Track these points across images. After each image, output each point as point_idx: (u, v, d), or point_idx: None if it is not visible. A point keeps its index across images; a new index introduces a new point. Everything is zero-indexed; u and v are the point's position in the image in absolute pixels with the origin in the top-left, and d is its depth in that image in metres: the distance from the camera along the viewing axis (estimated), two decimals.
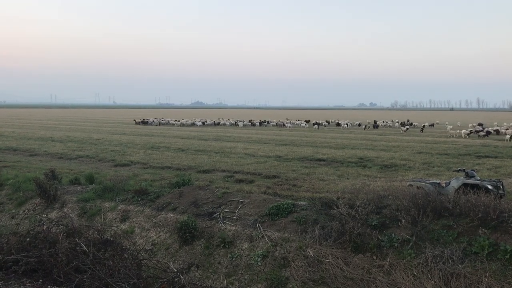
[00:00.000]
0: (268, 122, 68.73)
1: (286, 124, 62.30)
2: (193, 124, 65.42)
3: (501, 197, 11.67)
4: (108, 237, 8.51)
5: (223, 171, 20.25)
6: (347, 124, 64.40)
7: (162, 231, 12.46)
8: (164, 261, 9.72)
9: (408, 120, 75.60)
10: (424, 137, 43.68)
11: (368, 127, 58.43)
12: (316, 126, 59.13)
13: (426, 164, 23.07)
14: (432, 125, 65.80)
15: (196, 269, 10.36)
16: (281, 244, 10.49)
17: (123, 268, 6.95)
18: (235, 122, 66.98)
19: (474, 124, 63.68)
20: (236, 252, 10.80)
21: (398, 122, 68.15)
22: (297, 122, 69.56)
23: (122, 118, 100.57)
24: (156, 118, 76.20)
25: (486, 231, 9.04)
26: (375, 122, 68.47)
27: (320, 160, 24.50)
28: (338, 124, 63.73)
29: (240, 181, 17.58)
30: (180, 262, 10.83)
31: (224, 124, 66.97)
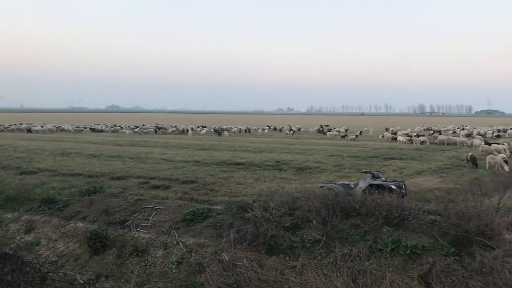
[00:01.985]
0: (164, 129, 64.27)
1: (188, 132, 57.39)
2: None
3: (403, 196, 12.51)
4: (7, 250, 7.90)
5: (138, 177, 19.68)
6: (264, 128, 65.38)
7: (71, 241, 11.84)
8: (71, 273, 9.24)
9: (346, 129, 78.37)
10: (336, 141, 45.64)
11: (290, 132, 58.11)
12: (215, 132, 56.86)
13: (337, 166, 24.07)
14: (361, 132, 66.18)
15: (105, 279, 9.94)
16: (196, 250, 10.40)
17: (24, 283, 6.49)
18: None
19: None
20: (150, 260, 10.54)
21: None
22: (198, 128, 64.53)
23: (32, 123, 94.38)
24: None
25: (389, 229, 9.62)
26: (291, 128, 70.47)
27: (238, 164, 24.66)
28: (247, 131, 62.31)
29: (156, 187, 17.18)
30: (90, 273, 10.34)
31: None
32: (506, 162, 24.43)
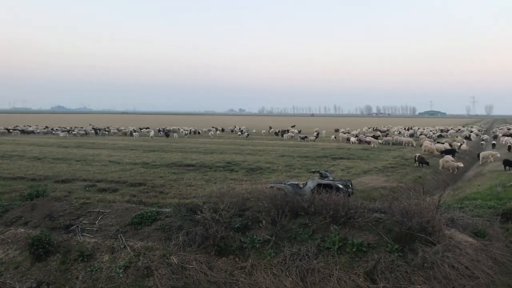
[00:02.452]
0: (107, 131, 60.81)
1: (133, 134, 54.99)
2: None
3: (350, 195, 12.83)
4: None
5: (85, 180, 19.06)
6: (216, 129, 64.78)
7: (11, 248, 11.27)
8: (10, 282, 8.80)
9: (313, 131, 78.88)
10: (287, 141, 46.20)
11: (244, 134, 56.10)
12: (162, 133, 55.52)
13: (288, 166, 24.35)
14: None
15: (47, 287, 9.54)
16: (144, 254, 10.19)
17: None
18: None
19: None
20: (96, 265, 10.22)
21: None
22: (143, 130, 63.39)
23: None
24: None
25: (336, 227, 9.83)
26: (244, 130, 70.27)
27: (188, 165, 24.42)
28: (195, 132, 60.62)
29: (102, 190, 16.70)
30: (31, 281, 9.89)
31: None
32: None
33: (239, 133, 58.24)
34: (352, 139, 44.15)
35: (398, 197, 14.08)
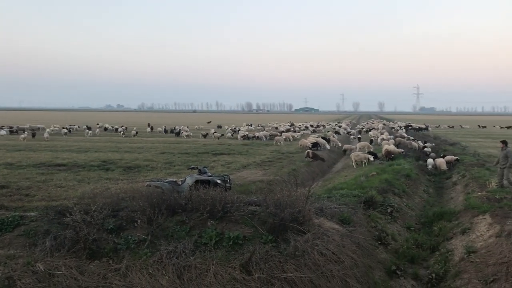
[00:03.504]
0: None
1: None
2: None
3: (228, 189, 13.03)
4: None
5: None
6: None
7: None
8: None
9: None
10: (167, 138, 45.52)
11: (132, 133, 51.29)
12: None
13: (168, 163, 24.01)
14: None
15: None
16: (5, 263, 9.24)
17: None
18: None
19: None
20: None
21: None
22: None
23: None
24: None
25: (213, 222, 9.90)
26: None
27: (59, 165, 22.82)
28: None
29: None
30: None
31: None
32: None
33: (123, 132, 52.95)
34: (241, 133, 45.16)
35: (274, 189, 14.64)
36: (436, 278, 10.27)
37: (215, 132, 49.42)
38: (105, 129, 60.74)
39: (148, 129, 58.28)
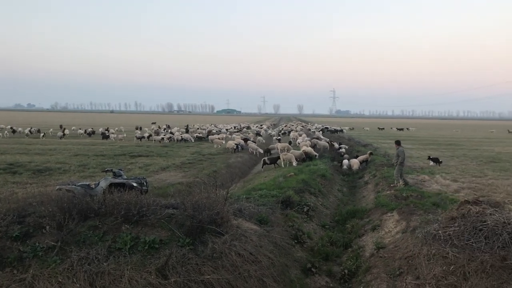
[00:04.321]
0: None
1: None
2: None
3: (145, 192, 12.71)
4: None
5: None
6: None
7: None
8: None
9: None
10: (82, 140, 43.49)
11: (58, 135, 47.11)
12: None
13: (82, 166, 22.95)
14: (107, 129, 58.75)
15: None
16: None
17: None
18: None
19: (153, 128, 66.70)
20: None
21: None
22: None
23: None
24: None
25: (128, 226, 9.59)
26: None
27: None
28: None
29: None
30: None
31: None
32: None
33: (27, 133, 48.31)
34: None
35: (193, 191, 14.49)
36: (348, 274, 10.74)
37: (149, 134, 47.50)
38: (13, 131, 51.75)
39: (60, 133, 48.35)
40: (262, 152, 33.12)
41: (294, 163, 25.15)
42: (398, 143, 19.16)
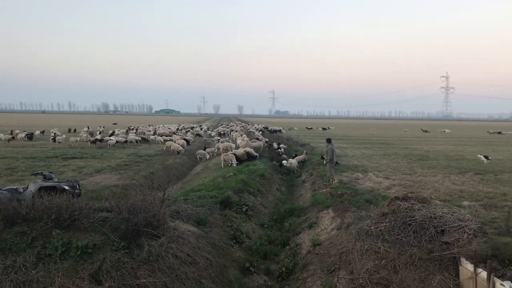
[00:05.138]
0: None
1: None
2: None
3: (77, 196, 12.23)
4: None
5: None
6: None
7: None
8: None
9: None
10: (12, 141, 41.16)
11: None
12: None
13: (10, 169, 21.73)
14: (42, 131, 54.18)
15: None
16: None
17: None
18: None
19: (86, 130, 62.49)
20: None
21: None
22: None
23: None
24: None
25: (59, 231, 9.18)
26: None
27: None
28: None
29: None
30: None
31: None
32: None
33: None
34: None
35: (129, 194, 14.16)
36: (286, 271, 10.92)
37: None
38: None
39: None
40: (209, 157, 32.88)
41: (234, 164, 25.16)
42: (328, 141, 19.83)
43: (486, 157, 27.31)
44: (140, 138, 43.91)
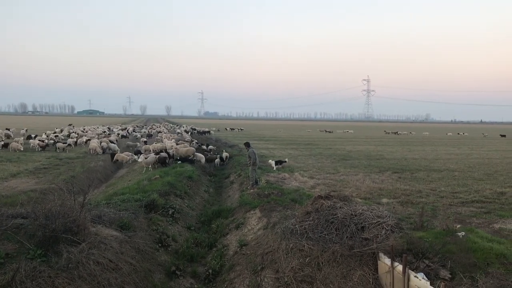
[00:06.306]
0: None
1: None
2: None
3: None
4: None
5: None
6: None
7: None
8: None
9: None
10: None
11: None
12: None
13: None
14: None
15: None
16: None
17: None
18: None
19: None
20: None
21: None
22: None
23: None
24: None
25: None
26: None
27: None
28: None
29: None
30: None
31: None
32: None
33: None
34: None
35: (47, 199, 13.44)
36: (213, 273, 10.88)
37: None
38: None
39: None
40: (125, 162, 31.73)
41: (151, 168, 24.79)
42: (247, 145, 20.00)
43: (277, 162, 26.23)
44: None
